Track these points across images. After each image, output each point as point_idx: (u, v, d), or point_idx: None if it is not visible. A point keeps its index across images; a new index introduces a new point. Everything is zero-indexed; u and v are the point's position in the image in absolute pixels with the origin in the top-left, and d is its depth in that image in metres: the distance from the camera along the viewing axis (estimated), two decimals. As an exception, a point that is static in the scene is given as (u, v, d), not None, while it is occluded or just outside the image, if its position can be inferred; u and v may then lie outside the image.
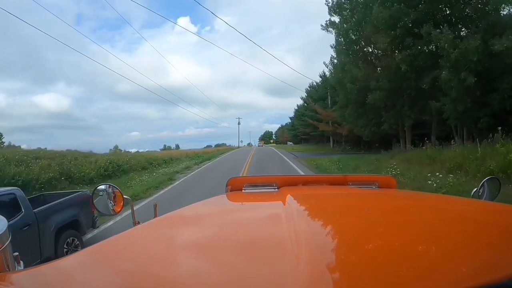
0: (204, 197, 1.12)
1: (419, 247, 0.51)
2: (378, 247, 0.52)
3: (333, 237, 0.60)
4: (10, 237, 0.62)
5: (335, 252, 0.51)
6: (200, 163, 20.36)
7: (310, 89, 37.74)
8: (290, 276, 0.42)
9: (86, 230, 4.82)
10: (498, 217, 0.71)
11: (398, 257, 0.48)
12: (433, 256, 0.47)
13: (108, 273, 0.53)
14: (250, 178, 1.45)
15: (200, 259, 0.53)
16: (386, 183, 1.29)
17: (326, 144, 32.20)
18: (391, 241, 0.54)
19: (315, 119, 29.53)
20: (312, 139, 40.16)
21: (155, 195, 8.64)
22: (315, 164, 14.03)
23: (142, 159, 17.25)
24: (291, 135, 60.34)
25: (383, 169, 10.00)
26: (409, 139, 15.66)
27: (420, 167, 9.08)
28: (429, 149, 9.92)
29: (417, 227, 0.63)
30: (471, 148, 8.40)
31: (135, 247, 0.63)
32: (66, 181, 10.75)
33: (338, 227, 0.66)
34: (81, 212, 4.65)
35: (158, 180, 11.68)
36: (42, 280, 0.53)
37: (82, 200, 4.77)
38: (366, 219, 0.71)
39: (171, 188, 10.08)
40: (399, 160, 10.48)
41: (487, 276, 0.39)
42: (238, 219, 0.84)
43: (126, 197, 1.21)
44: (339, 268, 0.45)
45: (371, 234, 0.59)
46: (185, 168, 16.77)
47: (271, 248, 0.55)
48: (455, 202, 0.99)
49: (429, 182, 7.24)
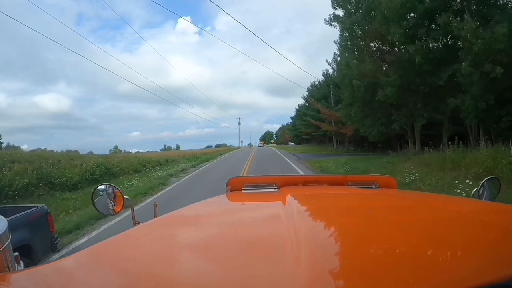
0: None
1: (419, 247, 0.51)
2: (378, 247, 0.52)
3: (333, 237, 0.60)
4: (10, 237, 0.66)
5: (335, 252, 0.51)
6: (197, 165, 19.30)
7: (312, 88, 36.66)
8: (290, 276, 0.42)
9: (42, 257, 3.77)
10: (498, 217, 0.71)
11: (398, 257, 0.48)
12: (433, 256, 0.47)
13: (108, 273, 0.52)
14: (250, 178, 1.43)
15: (200, 259, 0.53)
16: (386, 183, 1.28)
17: (329, 145, 31.08)
18: (391, 241, 0.54)
19: (317, 119, 28.42)
20: (313, 140, 39.02)
21: (141, 204, 7.59)
22: (320, 167, 12.96)
23: (134, 161, 16.17)
24: (292, 135, 58.99)
25: (398, 173, 8.94)
26: (418, 139, 14.61)
27: (441, 172, 8.02)
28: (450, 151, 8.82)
29: (417, 227, 0.63)
30: (501, 151, 7.34)
31: (135, 247, 0.63)
32: (46, 187, 9.72)
33: (338, 227, 0.66)
34: (35, 234, 3.56)
35: (148, 185, 10.63)
36: (42, 280, 0.52)
37: (36, 218, 3.70)
38: (366, 219, 0.71)
39: (161, 195, 9.02)
40: (415, 163, 9.39)
41: (487, 276, 0.39)
42: (238, 219, 0.83)
43: (126, 197, 1.21)
44: (339, 268, 0.44)
45: (371, 234, 0.59)
46: (181, 171, 15.71)
47: (271, 248, 0.55)
48: (455, 202, 1.01)
49: (457, 191, 6.20)
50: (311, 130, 34.67)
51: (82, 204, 8.35)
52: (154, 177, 13.13)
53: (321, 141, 35.82)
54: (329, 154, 22.05)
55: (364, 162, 12.68)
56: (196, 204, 0.99)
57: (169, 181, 12.35)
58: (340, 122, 24.70)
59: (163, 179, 12.57)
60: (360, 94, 13.76)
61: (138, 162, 16.36)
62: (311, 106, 33.34)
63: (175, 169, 15.86)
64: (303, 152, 27.14)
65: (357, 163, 12.75)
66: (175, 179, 12.94)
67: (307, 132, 37.34)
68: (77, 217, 6.77)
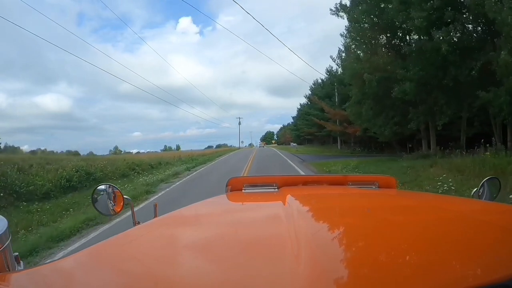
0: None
1: (419, 247, 0.51)
2: (378, 247, 0.52)
3: (333, 237, 0.60)
4: (10, 237, 0.66)
5: (335, 252, 0.51)
6: (192, 168, 17.83)
7: (315, 86, 35.17)
8: (290, 276, 0.42)
9: None
10: (498, 217, 0.71)
11: (398, 257, 0.48)
12: (433, 256, 0.46)
13: (108, 273, 0.52)
14: (250, 178, 1.43)
15: (200, 259, 0.53)
16: (386, 183, 1.28)
17: (333, 145, 29.53)
18: (391, 241, 0.54)
19: (321, 118, 26.90)
20: (316, 140, 37.43)
21: (112, 223, 6.14)
22: (328, 171, 11.49)
23: (122, 165, 14.71)
24: (294, 136, 57.29)
25: (425, 181, 7.46)
26: (434, 140, 13.13)
27: (479, 181, 6.57)
28: (489, 154, 7.33)
29: (417, 227, 0.63)
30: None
31: (135, 247, 0.63)
32: (11, 197, 8.29)
33: (338, 227, 0.66)
34: None
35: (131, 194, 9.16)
36: (42, 280, 0.52)
37: None
38: (366, 219, 0.71)
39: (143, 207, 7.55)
40: (444, 168, 7.87)
41: (487, 276, 0.39)
42: (238, 219, 0.83)
43: (126, 197, 1.21)
44: (339, 268, 0.44)
45: (371, 234, 0.59)
46: (173, 175, 14.25)
47: (271, 248, 0.55)
48: (455, 202, 1.00)
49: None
50: (314, 130, 33.05)
51: (49, 218, 6.96)
52: (141, 183, 11.68)
53: (324, 142, 34.25)
54: (335, 156, 20.60)
55: (378, 166, 11.19)
56: (196, 204, 0.98)
57: (157, 188, 10.91)
58: (346, 121, 23.28)
59: (151, 185, 11.13)
60: (371, 90, 12.23)
61: (126, 165, 14.90)
62: (314, 105, 31.83)
63: (167, 173, 14.42)
64: (306, 153, 25.64)
65: (370, 167, 11.26)
66: (165, 185, 11.50)
67: (310, 132, 35.66)
68: (36, 237, 5.40)
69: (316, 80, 35.62)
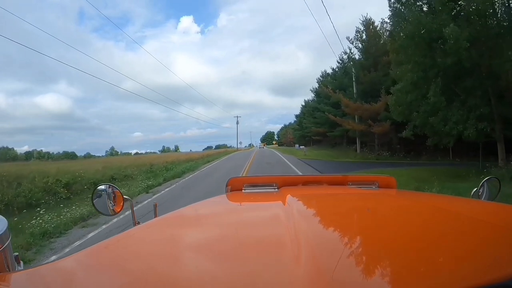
0: None
1: (419, 247, 0.51)
2: (378, 247, 0.52)
3: (333, 237, 0.59)
4: (10, 237, 0.66)
5: (335, 252, 0.50)
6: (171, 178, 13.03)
7: (323, 78, 30.36)
8: (290, 276, 0.42)
9: None
10: (498, 217, 0.70)
11: (398, 257, 0.48)
12: (433, 256, 0.46)
13: (108, 273, 0.51)
14: (250, 178, 1.41)
15: (199, 259, 0.53)
16: (386, 183, 1.27)
17: (348, 148, 24.65)
18: (391, 241, 0.54)
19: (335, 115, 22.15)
20: (325, 141, 32.43)
21: None
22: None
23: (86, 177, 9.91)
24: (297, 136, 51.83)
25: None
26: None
27: None
28: None
29: (417, 227, 0.63)
30: None
31: (135, 247, 0.62)
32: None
33: (338, 227, 0.65)
34: None
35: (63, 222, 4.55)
36: (42, 280, 0.52)
37: None
38: (366, 219, 0.70)
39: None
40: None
41: (487, 276, 0.39)
42: (238, 219, 0.82)
43: (126, 197, 1.20)
44: (339, 268, 0.44)
45: (371, 234, 0.59)
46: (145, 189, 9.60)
47: (271, 248, 0.54)
48: (455, 202, 0.99)
49: None
50: (324, 129, 28.16)
51: None
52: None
53: (336, 143, 29.32)
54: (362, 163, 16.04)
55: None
56: (196, 204, 0.98)
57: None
58: (370, 117, 18.62)
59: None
60: (451, 60, 7.51)
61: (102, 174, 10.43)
62: (324, 100, 27.05)
63: (136, 189, 9.70)
64: (319, 158, 20.84)
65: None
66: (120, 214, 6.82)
67: (319, 131, 30.49)
68: None
69: (325, 71, 30.91)
